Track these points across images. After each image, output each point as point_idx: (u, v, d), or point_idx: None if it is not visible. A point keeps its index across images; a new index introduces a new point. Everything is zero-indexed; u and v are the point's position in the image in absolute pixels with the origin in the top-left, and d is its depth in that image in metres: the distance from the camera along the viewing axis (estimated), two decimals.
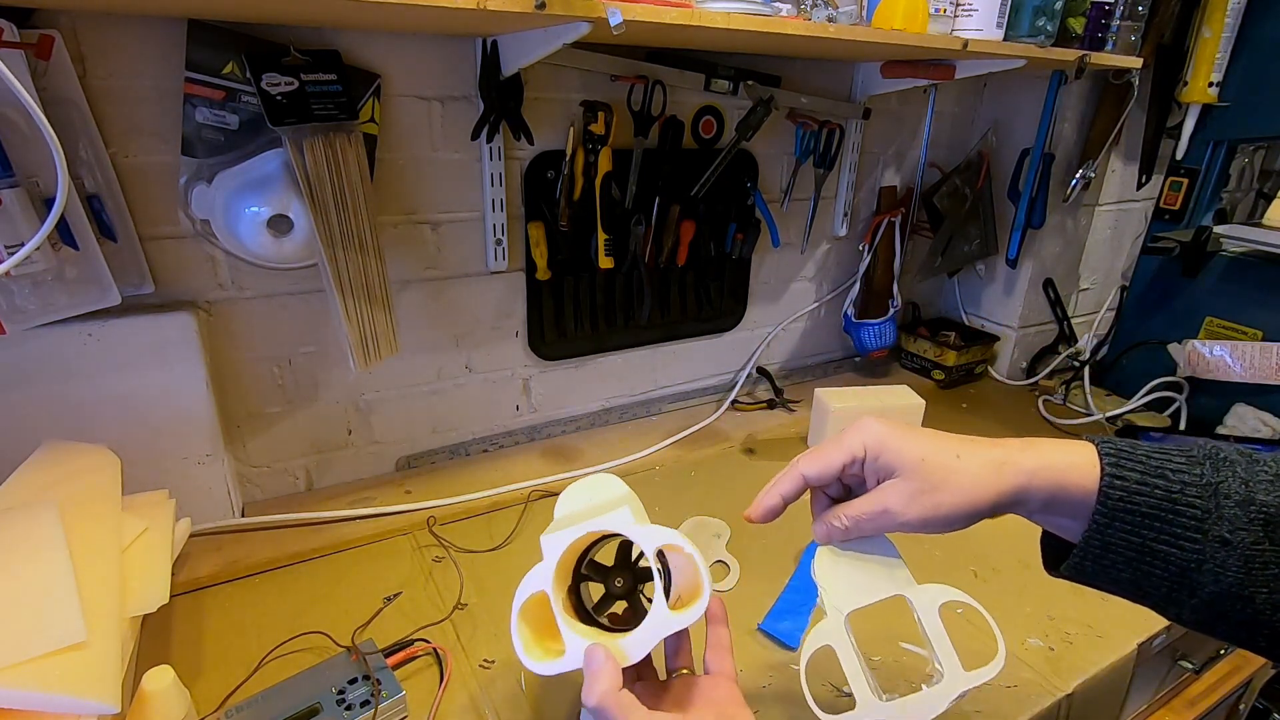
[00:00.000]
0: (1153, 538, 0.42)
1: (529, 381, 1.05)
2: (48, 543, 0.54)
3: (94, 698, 0.47)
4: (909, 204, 1.26)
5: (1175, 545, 0.41)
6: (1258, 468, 0.42)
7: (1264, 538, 0.40)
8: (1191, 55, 1.15)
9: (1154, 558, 0.42)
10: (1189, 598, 0.42)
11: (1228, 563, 0.40)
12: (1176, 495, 0.41)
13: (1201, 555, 0.41)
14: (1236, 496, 0.41)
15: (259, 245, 0.73)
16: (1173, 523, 0.41)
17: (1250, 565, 0.40)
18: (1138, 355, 1.30)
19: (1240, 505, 0.40)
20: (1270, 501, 0.40)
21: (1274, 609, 0.40)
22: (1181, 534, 0.41)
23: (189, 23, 0.68)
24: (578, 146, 0.92)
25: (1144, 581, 0.43)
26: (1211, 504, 0.41)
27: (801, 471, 0.50)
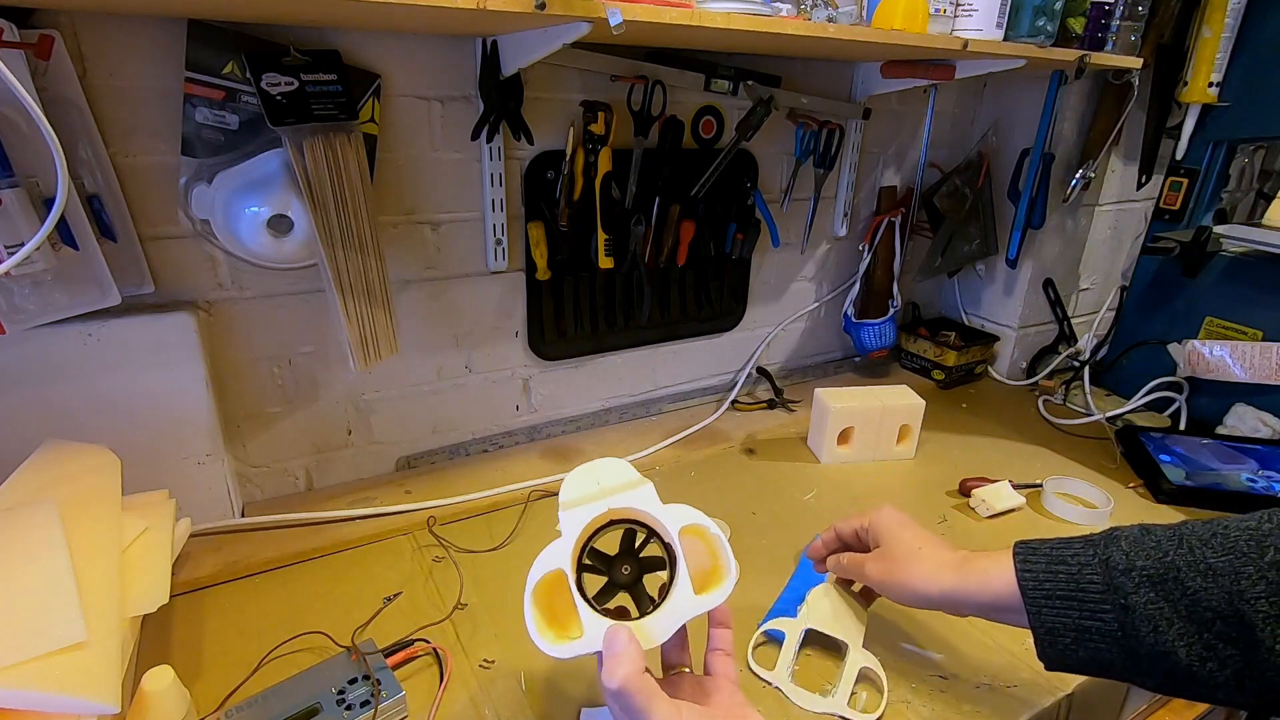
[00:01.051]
0: (1077, 616, 0.48)
1: (529, 381, 1.05)
2: (48, 543, 0.54)
3: (94, 698, 0.47)
4: (909, 204, 1.26)
5: (1096, 618, 0.47)
6: (1147, 538, 0.48)
7: (1157, 597, 0.45)
8: (1191, 55, 1.15)
9: (1090, 632, 0.47)
10: (1137, 664, 0.46)
11: (1138, 625, 0.45)
12: (1076, 575, 0.49)
13: (1118, 622, 0.46)
14: (1120, 566, 0.47)
15: (259, 245, 0.73)
16: (1084, 600, 0.48)
17: (1155, 624, 0.45)
18: (1138, 355, 1.30)
19: (1125, 573, 0.46)
20: (1148, 565, 0.46)
21: (1200, 661, 0.43)
22: (1095, 607, 0.47)
23: (189, 23, 0.68)
24: (578, 146, 0.92)
25: (1099, 657, 0.48)
26: (1106, 577, 0.47)
27: (835, 527, 0.69)
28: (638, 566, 0.52)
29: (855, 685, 0.64)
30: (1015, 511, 0.93)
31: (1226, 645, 0.43)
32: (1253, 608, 0.42)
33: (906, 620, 0.74)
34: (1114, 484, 1.01)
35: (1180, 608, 0.44)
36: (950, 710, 0.63)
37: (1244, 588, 0.42)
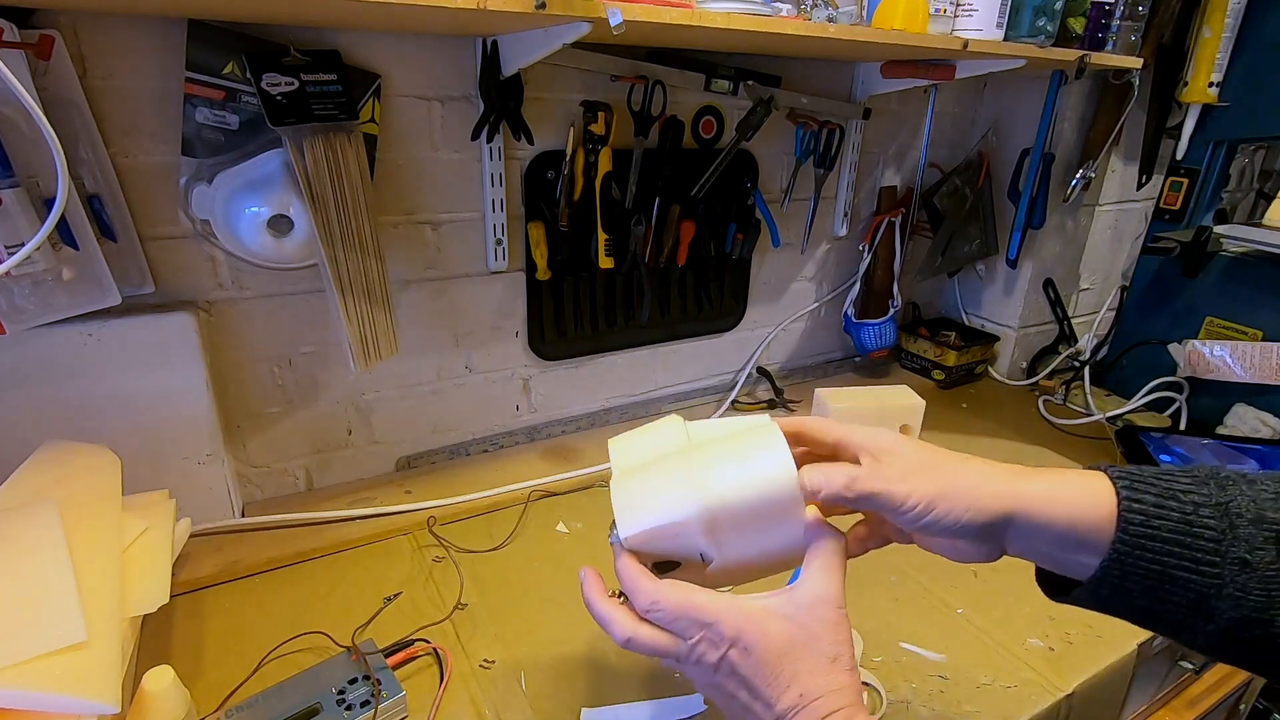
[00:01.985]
0: (1173, 564, 0.39)
1: (529, 381, 1.05)
2: (48, 543, 0.54)
3: (94, 698, 0.47)
4: (909, 204, 1.26)
5: (1195, 571, 0.39)
6: (1259, 486, 0.41)
7: (1278, 557, 0.38)
8: (1191, 55, 1.15)
9: (1173, 584, 0.40)
10: (1205, 624, 0.40)
11: (1249, 586, 0.38)
12: (1191, 517, 0.39)
13: (1221, 580, 0.39)
14: (1249, 514, 0.39)
15: (259, 245, 0.73)
16: (1191, 546, 0.39)
17: (1269, 587, 0.38)
18: (1138, 355, 1.30)
19: (1254, 523, 0.39)
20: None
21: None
22: (1202, 558, 0.39)
23: (189, 23, 0.68)
24: (578, 146, 0.92)
25: (1159, 609, 0.41)
26: (1225, 524, 0.39)
27: (804, 422, 0.49)
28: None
29: None
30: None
31: None
32: None
33: (906, 620, 0.74)
34: None
35: None
36: (950, 710, 0.63)
37: None
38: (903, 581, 0.80)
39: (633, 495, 0.46)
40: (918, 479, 0.42)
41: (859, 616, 0.73)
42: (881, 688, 0.64)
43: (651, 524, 0.44)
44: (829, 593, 0.42)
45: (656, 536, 0.45)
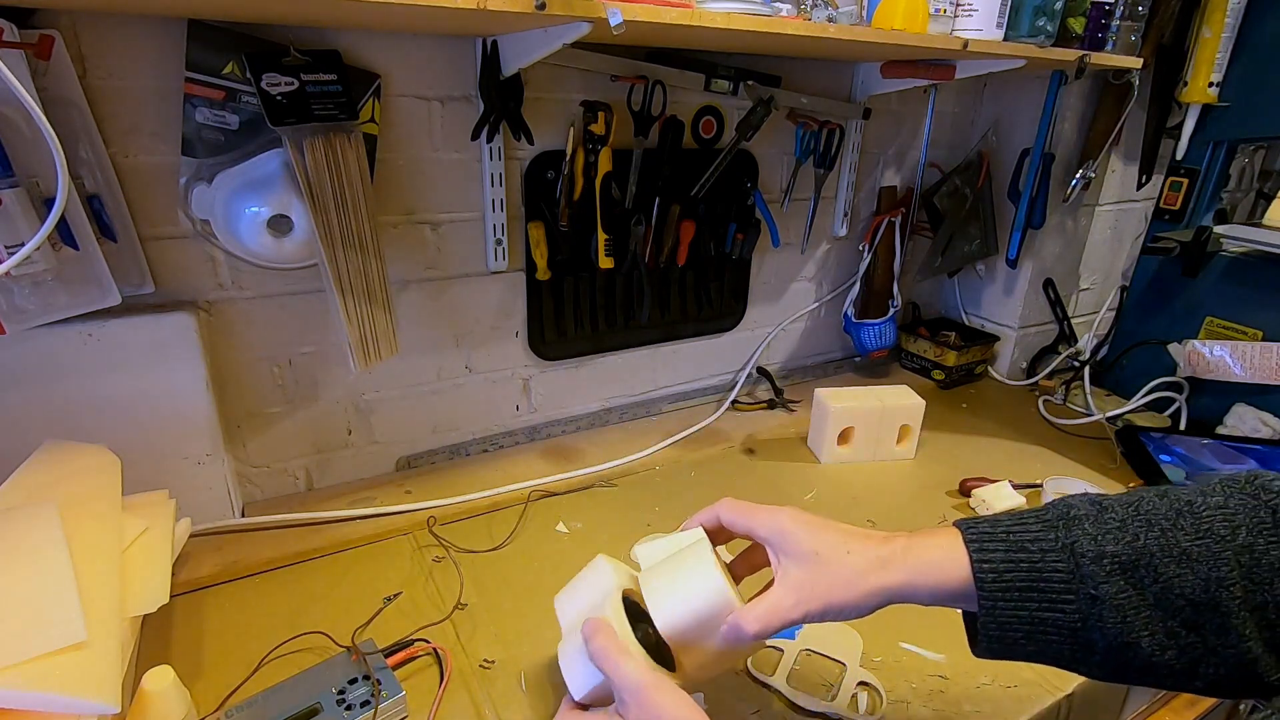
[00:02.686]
0: (1035, 608, 0.44)
1: (529, 381, 1.05)
2: (48, 543, 0.54)
3: (94, 698, 0.47)
4: (909, 204, 1.26)
5: (1056, 610, 0.43)
6: (1106, 515, 0.44)
7: (1126, 586, 0.42)
8: (1191, 55, 1.15)
9: (1045, 625, 0.44)
10: (1089, 654, 0.44)
11: (1105, 616, 0.42)
12: (1039, 563, 0.44)
13: (1081, 614, 0.43)
14: (1090, 553, 0.43)
15: (259, 245, 0.73)
16: (1046, 590, 0.43)
17: (1123, 615, 0.42)
18: (1138, 355, 1.30)
19: (1094, 560, 0.42)
20: (1119, 550, 0.42)
21: (1161, 650, 0.41)
22: (1057, 599, 0.43)
23: (189, 23, 0.68)
24: (578, 146, 0.92)
25: (1047, 650, 0.45)
26: (1071, 564, 0.43)
27: (719, 513, 0.56)
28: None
29: (855, 687, 0.64)
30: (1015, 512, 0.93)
31: (1190, 633, 0.41)
32: (1230, 594, 0.40)
33: (906, 620, 0.74)
34: (1114, 484, 1.01)
35: (1149, 595, 0.42)
36: (950, 710, 0.63)
37: (1223, 574, 0.40)
38: None
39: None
40: (807, 593, 0.48)
41: None
42: (881, 688, 0.64)
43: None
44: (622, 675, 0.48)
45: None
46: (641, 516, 0.90)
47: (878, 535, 0.50)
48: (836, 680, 0.65)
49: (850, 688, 0.64)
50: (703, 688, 0.63)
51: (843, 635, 0.71)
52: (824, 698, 0.63)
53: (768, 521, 0.52)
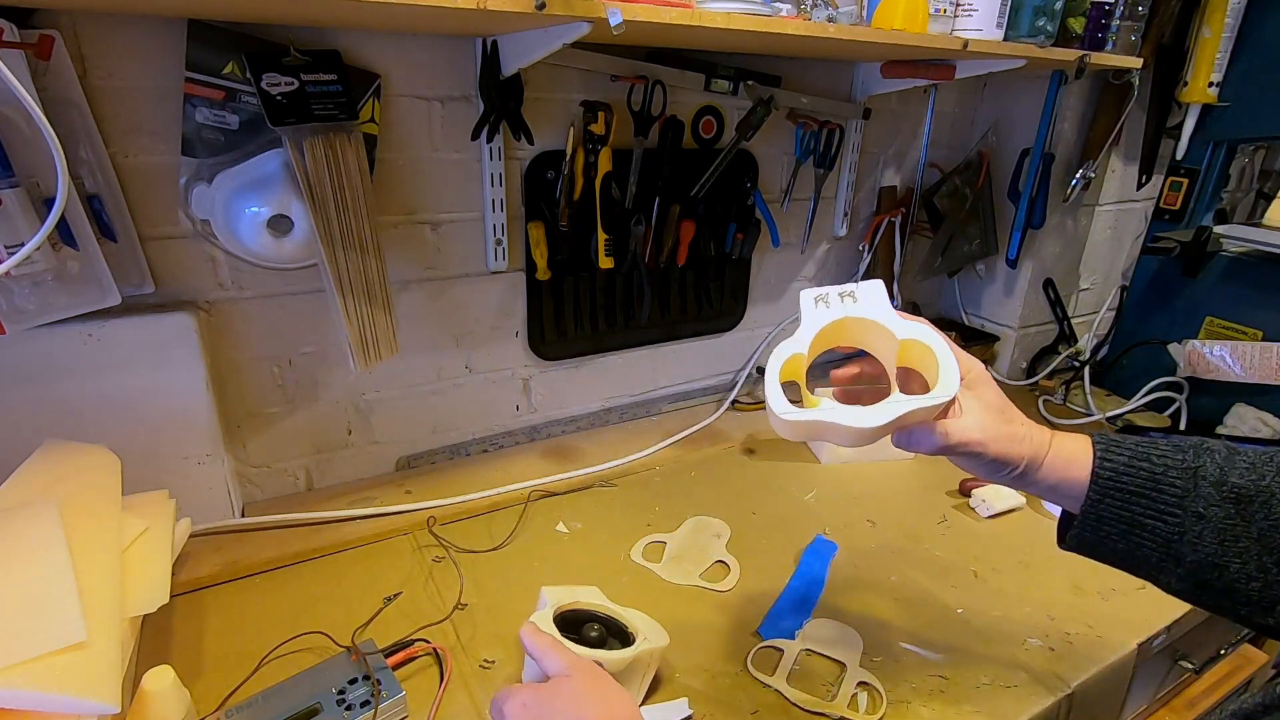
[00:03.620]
0: (1140, 512, 0.48)
1: (529, 381, 1.05)
2: (48, 543, 0.54)
3: (94, 698, 0.47)
4: (909, 204, 1.26)
5: (1159, 519, 0.47)
6: (1236, 456, 0.48)
7: (1235, 514, 0.46)
8: (1191, 55, 1.15)
9: (1142, 530, 0.48)
10: (1175, 566, 0.48)
11: (1204, 535, 0.46)
12: (1159, 475, 0.48)
13: (1182, 527, 0.47)
14: (1212, 478, 0.47)
15: (259, 245, 0.73)
16: (1156, 499, 0.48)
17: (1223, 538, 0.46)
18: (1138, 355, 1.30)
19: (1214, 485, 0.47)
20: (1242, 483, 0.46)
21: (1247, 579, 0.46)
22: (1164, 509, 0.47)
23: (189, 23, 0.68)
24: (578, 146, 0.92)
25: (1136, 551, 0.49)
26: (1190, 484, 0.47)
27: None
28: (605, 629, 0.61)
29: (855, 687, 0.64)
30: (1015, 511, 0.93)
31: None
32: None
33: (906, 620, 0.74)
34: None
35: (1254, 529, 0.45)
36: (950, 710, 0.63)
37: None
38: (903, 581, 0.80)
39: None
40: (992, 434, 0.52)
41: (859, 616, 0.73)
42: (881, 688, 0.64)
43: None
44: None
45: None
46: (641, 516, 0.90)
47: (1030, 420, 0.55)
48: (836, 680, 0.65)
49: (850, 688, 0.64)
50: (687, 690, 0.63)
51: (843, 635, 0.71)
52: (824, 698, 0.63)
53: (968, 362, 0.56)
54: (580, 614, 0.63)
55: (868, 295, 0.56)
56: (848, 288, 0.56)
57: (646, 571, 0.80)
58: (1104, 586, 0.79)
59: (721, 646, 0.69)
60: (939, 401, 0.51)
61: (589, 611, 0.63)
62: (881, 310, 0.56)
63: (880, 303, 0.56)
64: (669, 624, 0.64)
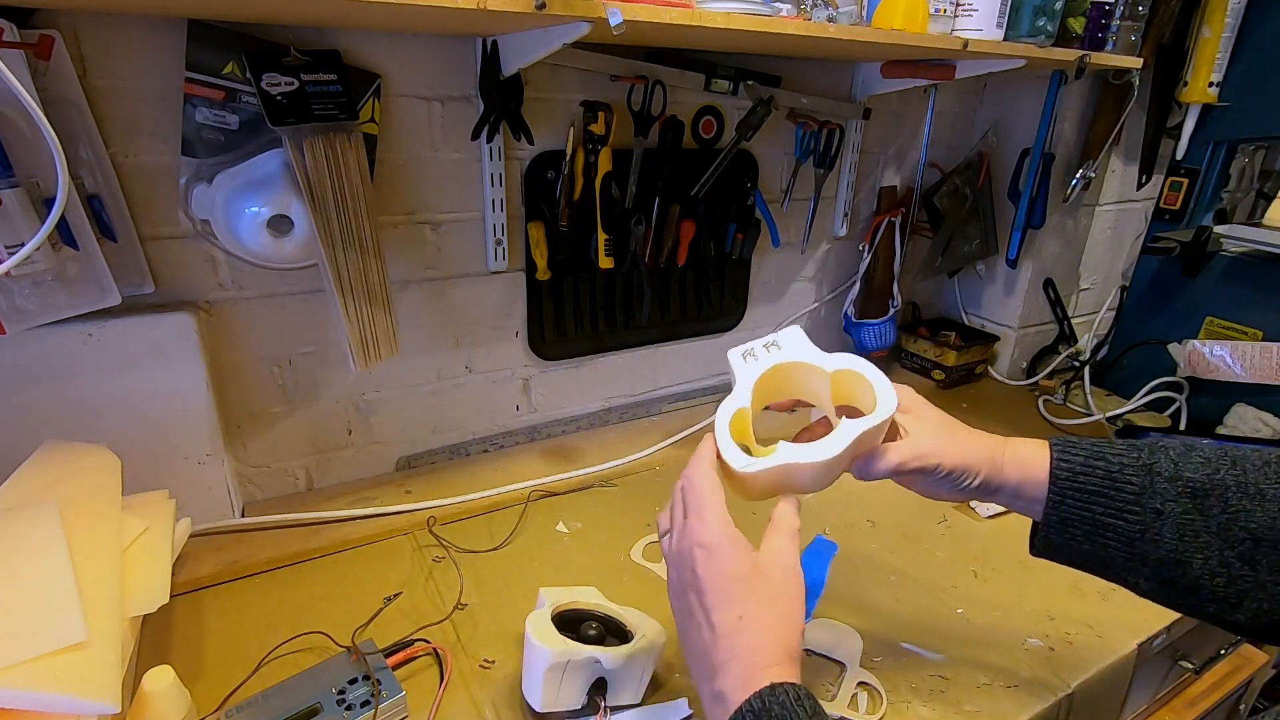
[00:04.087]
0: (1100, 511, 0.48)
1: (529, 381, 1.05)
2: (48, 543, 0.54)
3: (94, 698, 0.47)
4: (909, 204, 1.26)
5: (1119, 518, 0.48)
6: (1192, 452, 0.48)
7: (1193, 509, 0.46)
8: (1191, 55, 1.15)
9: (1105, 530, 0.48)
10: (1141, 566, 0.48)
11: (1163, 531, 0.46)
12: (1115, 474, 0.48)
13: (1142, 525, 0.47)
14: (1167, 473, 0.47)
15: (259, 245, 0.73)
16: (1114, 498, 0.48)
17: (1182, 533, 0.46)
18: (1138, 355, 1.30)
19: (1169, 480, 0.47)
20: (1196, 478, 0.47)
21: (1210, 575, 0.46)
22: (1123, 507, 0.48)
23: (189, 23, 0.68)
24: (578, 146, 0.92)
25: (1102, 553, 0.49)
26: (1146, 480, 0.47)
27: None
28: (604, 628, 0.62)
29: (855, 687, 0.64)
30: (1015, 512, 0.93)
31: (1244, 565, 0.45)
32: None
33: (906, 620, 0.74)
34: None
35: (1213, 523, 0.45)
36: (950, 710, 0.63)
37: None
38: (903, 581, 0.80)
39: None
40: (943, 445, 0.52)
41: (859, 616, 0.73)
42: (881, 688, 0.64)
43: None
44: (783, 551, 0.48)
45: None
46: (641, 516, 0.90)
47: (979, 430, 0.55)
48: (836, 680, 0.65)
49: (850, 688, 0.64)
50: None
51: (843, 635, 0.70)
52: (824, 698, 0.63)
53: (901, 391, 0.55)
54: (579, 613, 0.63)
55: (790, 341, 0.57)
56: (769, 338, 0.57)
57: (646, 571, 0.80)
58: (1104, 587, 0.78)
59: None
60: (886, 416, 0.52)
61: (587, 610, 0.63)
62: (806, 351, 0.56)
63: (803, 344, 0.57)
64: (669, 624, 0.64)
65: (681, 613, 0.47)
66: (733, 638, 0.43)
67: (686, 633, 0.47)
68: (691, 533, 0.47)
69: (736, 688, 0.42)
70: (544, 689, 0.57)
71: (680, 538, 0.48)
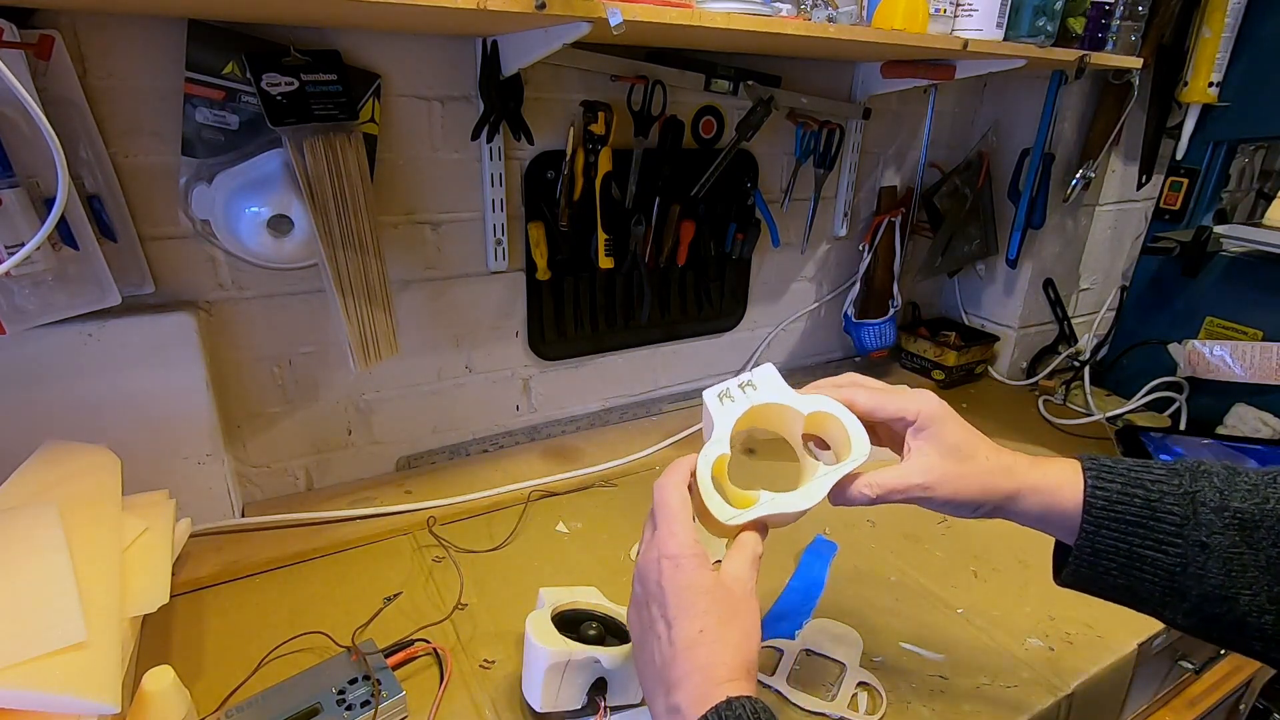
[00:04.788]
0: (1138, 543, 0.45)
1: (529, 381, 1.05)
2: (48, 543, 0.54)
3: (94, 698, 0.47)
4: (909, 204, 1.26)
5: (1159, 550, 0.44)
6: (1237, 479, 0.45)
7: (1240, 541, 0.43)
8: (1191, 55, 1.15)
9: (1142, 563, 0.45)
10: (1180, 601, 0.44)
11: (1208, 565, 0.43)
12: (1155, 503, 0.44)
13: (1185, 559, 0.43)
14: (1212, 504, 0.43)
15: (259, 245, 0.73)
16: (1154, 529, 0.44)
17: (1229, 568, 0.42)
18: (1138, 355, 1.30)
19: (1215, 511, 0.43)
20: (1245, 508, 0.43)
21: (1259, 611, 0.42)
22: (1164, 539, 0.44)
23: (189, 23, 0.68)
24: (578, 146, 0.92)
25: (1138, 587, 0.46)
26: (1189, 510, 0.44)
27: (852, 397, 0.54)
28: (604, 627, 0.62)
29: (855, 687, 0.64)
30: None
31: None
32: None
33: (906, 620, 0.74)
34: None
35: (1263, 557, 0.42)
36: (950, 710, 0.63)
37: None
38: (903, 581, 0.80)
39: None
40: (937, 478, 0.49)
41: (859, 616, 0.73)
42: (881, 688, 0.64)
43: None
44: (744, 575, 0.47)
45: None
46: (641, 516, 0.89)
47: (1005, 449, 0.51)
48: (836, 680, 0.65)
49: (850, 688, 0.64)
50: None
51: (843, 635, 0.70)
52: (824, 698, 0.63)
53: (918, 405, 0.51)
54: (579, 613, 0.63)
55: (764, 380, 0.58)
56: (744, 378, 0.58)
57: None
58: None
59: None
60: (860, 463, 0.51)
61: (587, 610, 0.63)
62: (780, 392, 0.56)
63: (777, 384, 0.57)
64: None
65: (641, 626, 0.47)
66: (692, 650, 0.43)
67: (644, 646, 0.46)
68: (660, 544, 0.46)
69: (694, 702, 0.41)
70: (544, 689, 0.57)
71: (648, 548, 0.48)
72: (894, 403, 0.52)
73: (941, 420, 0.51)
